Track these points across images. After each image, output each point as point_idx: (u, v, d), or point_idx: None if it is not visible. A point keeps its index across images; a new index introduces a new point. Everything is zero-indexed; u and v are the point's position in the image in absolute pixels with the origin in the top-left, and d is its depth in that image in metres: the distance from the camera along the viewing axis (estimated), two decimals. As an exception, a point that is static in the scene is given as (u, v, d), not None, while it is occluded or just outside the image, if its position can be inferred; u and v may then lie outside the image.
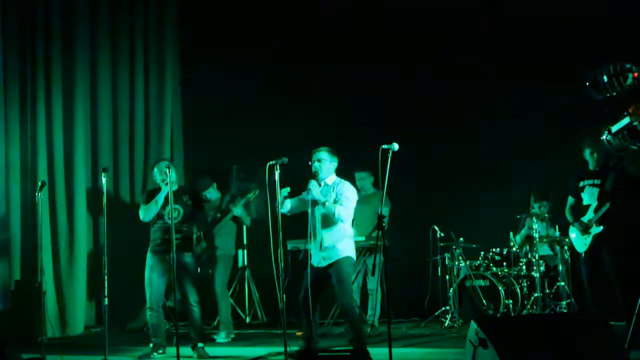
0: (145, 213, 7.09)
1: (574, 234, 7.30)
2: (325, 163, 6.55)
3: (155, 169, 7.24)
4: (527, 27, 9.14)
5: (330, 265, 6.38)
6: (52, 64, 8.89)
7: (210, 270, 8.46)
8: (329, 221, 6.42)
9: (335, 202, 6.40)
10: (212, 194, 8.53)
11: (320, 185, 6.54)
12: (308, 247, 6.60)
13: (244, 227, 9.30)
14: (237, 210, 8.31)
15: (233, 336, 8.27)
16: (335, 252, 6.40)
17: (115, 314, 8.18)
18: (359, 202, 8.68)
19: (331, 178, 6.59)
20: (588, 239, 7.08)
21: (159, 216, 7.06)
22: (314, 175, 6.49)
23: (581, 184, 7.30)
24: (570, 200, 7.43)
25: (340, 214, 6.35)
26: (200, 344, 7.06)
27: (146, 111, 9.67)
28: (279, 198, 6.36)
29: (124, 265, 8.66)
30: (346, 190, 6.50)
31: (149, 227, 7.19)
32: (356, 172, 8.67)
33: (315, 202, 6.47)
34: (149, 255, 7.11)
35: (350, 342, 6.41)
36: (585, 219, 7.17)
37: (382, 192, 5.97)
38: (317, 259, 6.45)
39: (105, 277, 6.60)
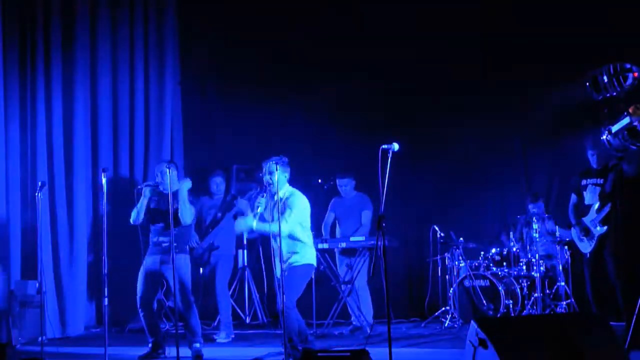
0: (133, 216, 7.13)
1: (577, 233, 7.30)
2: (277, 175, 6.44)
3: (156, 169, 7.27)
4: (527, 26, 9.13)
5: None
6: (51, 63, 8.88)
7: (202, 270, 8.49)
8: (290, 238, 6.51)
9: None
10: (219, 189, 8.54)
11: (272, 199, 6.53)
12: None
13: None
14: (242, 204, 8.29)
15: (233, 336, 8.27)
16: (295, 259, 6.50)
17: (115, 314, 8.21)
18: (342, 205, 8.79)
19: (283, 190, 6.55)
20: (593, 240, 7.07)
21: (155, 219, 7.08)
22: (264, 189, 6.54)
23: (583, 182, 7.30)
24: (573, 198, 7.44)
25: (296, 233, 6.48)
26: (196, 345, 7.05)
27: (146, 111, 9.66)
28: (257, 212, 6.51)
29: (124, 265, 8.66)
30: (297, 213, 6.50)
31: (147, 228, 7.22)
32: (338, 178, 8.73)
33: (272, 217, 6.50)
34: (145, 256, 7.15)
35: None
36: (587, 219, 7.17)
37: (382, 193, 5.97)
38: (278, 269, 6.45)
39: (105, 277, 6.59)
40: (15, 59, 8.74)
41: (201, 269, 8.60)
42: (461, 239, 8.83)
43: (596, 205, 7.08)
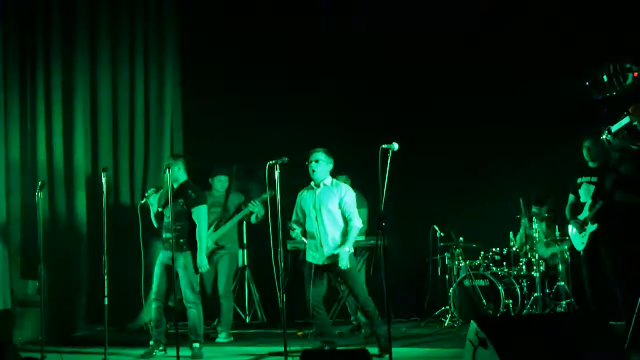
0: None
1: (572, 230, 7.30)
2: (322, 164, 6.77)
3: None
4: (527, 26, 9.13)
5: (335, 263, 6.63)
6: (52, 63, 8.89)
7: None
8: (336, 223, 6.73)
9: (341, 210, 6.73)
10: (223, 187, 8.52)
11: (318, 187, 6.80)
12: (308, 247, 6.86)
13: (244, 226, 9.33)
14: (256, 207, 8.30)
15: (232, 338, 8.26)
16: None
17: (115, 314, 8.22)
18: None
19: (328, 179, 6.82)
20: (585, 238, 7.08)
21: (163, 215, 7.21)
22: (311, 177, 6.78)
23: (579, 180, 7.30)
24: (571, 198, 7.43)
25: (358, 225, 6.75)
26: (195, 344, 7.06)
27: (146, 111, 9.66)
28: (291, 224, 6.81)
29: (124, 265, 8.67)
30: (351, 197, 6.79)
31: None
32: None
33: (317, 207, 6.72)
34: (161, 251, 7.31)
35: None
36: (581, 216, 7.17)
37: (382, 192, 5.98)
38: (320, 257, 6.72)
39: (105, 277, 6.60)
40: (16, 60, 8.74)
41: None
42: (461, 239, 8.83)
43: (589, 203, 7.09)
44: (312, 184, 6.85)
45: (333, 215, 6.71)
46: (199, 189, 7.46)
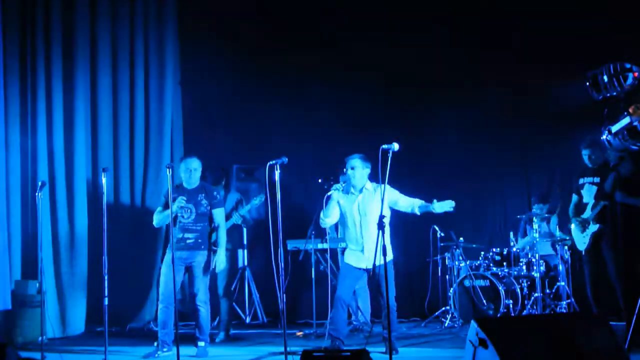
0: (158, 221, 7.22)
1: (575, 229, 7.31)
2: (359, 170, 6.79)
3: (182, 165, 7.32)
4: (527, 25, 9.14)
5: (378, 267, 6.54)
6: (52, 63, 8.88)
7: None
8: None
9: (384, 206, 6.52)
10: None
11: (360, 192, 6.80)
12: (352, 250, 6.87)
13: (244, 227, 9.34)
14: (238, 218, 8.26)
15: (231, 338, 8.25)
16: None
17: (115, 314, 8.23)
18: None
19: (369, 184, 6.84)
20: (587, 237, 7.10)
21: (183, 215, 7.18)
22: (347, 183, 6.81)
23: (581, 181, 7.32)
24: (574, 198, 7.45)
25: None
26: (201, 343, 7.07)
27: (146, 111, 9.65)
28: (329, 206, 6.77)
29: (124, 265, 8.67)
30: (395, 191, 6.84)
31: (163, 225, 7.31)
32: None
33: (362, 212, 6.74)
34: (167, 251, 7.16)
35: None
36: (584, 216, 7.19)
37: (382, 193, 5.98)
38: (363, 262, 6.74)
39: (105, 277, 6.60)
40: (16, 60, 8.74)
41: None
42: (461, 239, 8.83)
43: (591, 203, 7.10)
44: (352, 189, 6.84)
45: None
46: (220, 190, 7.54)
